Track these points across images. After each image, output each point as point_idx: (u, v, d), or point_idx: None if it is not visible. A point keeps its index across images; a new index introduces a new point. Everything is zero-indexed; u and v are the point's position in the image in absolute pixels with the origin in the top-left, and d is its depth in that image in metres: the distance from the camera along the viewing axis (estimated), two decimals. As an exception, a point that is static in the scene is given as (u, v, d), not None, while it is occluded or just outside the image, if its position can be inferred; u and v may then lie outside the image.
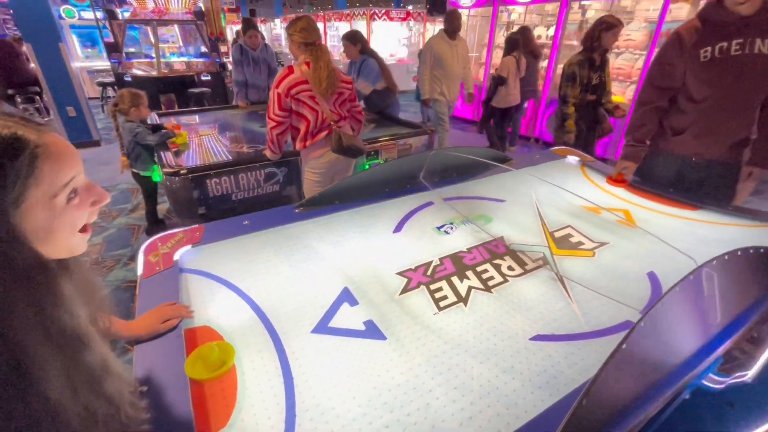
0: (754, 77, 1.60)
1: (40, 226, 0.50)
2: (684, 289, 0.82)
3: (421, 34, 10.59)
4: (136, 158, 2.82)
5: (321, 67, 1.99)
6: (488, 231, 1.51)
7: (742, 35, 1.56)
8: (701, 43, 1.65)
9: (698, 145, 1.79)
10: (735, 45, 1.58)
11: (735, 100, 1.66)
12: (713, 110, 1.71)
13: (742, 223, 1.56)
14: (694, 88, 1.73)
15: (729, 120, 1.70)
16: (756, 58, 1.56)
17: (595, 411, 0.71)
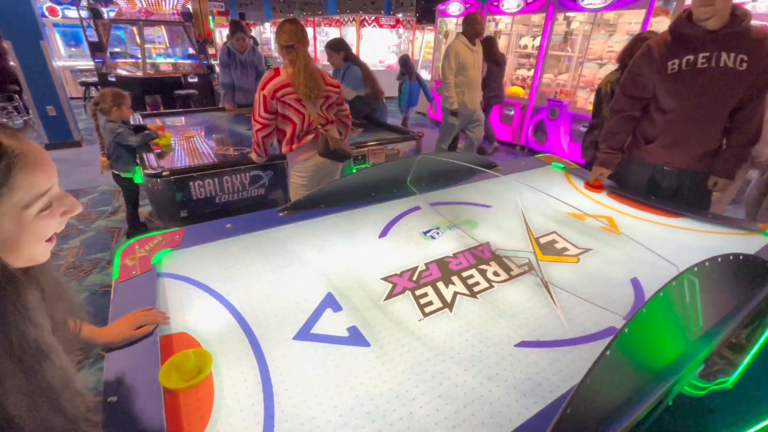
0: (719, 90, 1.65)
1: (6, 236, 0.48)
2: (667, 296, 0.82)
3: (410, 42, 10.68)
4: (116, 159, 2.75)
5: (297, 71, 1.97)
6: (474, 236, 1.51)
7: (708, 49, 1.61)
8: (669, 56, 1.70)
9: (668, 155, 1.84)
10: (701, 58, 1.63)
11: (701, 111, 1.71)
12: (681, 121, 1.77)
13: (722, 230, 1.60)
14: (663, 99, 1.79)
15: (696, 131, 1.75)
16: (721, 71, 1.61)
17: (580, 419, 0.70)
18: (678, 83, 1.71)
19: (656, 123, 1.84)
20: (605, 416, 0.75)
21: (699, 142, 1.76)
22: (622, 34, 4.66)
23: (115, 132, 2.64)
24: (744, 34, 1.56)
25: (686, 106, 1.73)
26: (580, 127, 4.80)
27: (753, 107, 1.66)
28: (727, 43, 1.58)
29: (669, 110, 1.78)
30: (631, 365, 0.82)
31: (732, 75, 1.60)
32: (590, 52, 4.86)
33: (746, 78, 1.59)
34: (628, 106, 1.89)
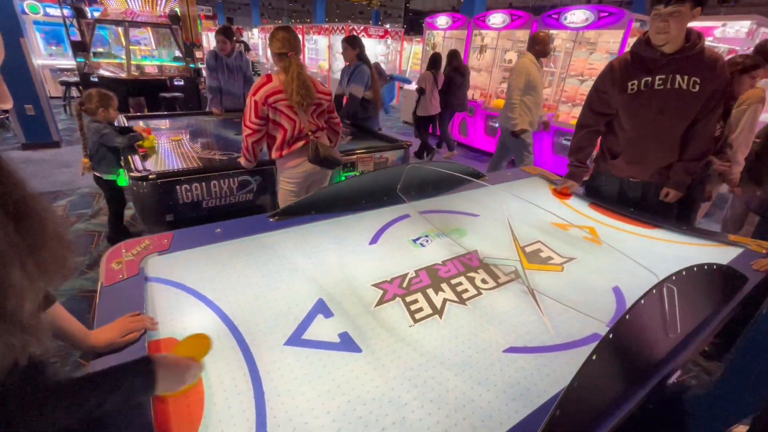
0: (674, 109, 1.76)
1: None
2: (647, 303, 0.86)
3: (398, 52, 10.83)
4: (99, 161, 2.69)
5: (290, 79, 1.99)
6: (463, 244, 1.54)
7: (664, 71, 1.73)
8: (629, 76, 1.82)
9: (631, 169, 1.96)
10: (658, 80, 1.74)
11: (658, 129, 1.83)
12: (640, 139, 1.88)
13: (696, 242, 1.67)
14: (623, 117, 1.91)
15: (654, 148, 1.87)
16: (676, 93, 1.73)
17: (567, 422, 0.72)
18: (636, 102, 1.82)
19: (619, 139, 1.97)
20: (590, 419, 0.78)
21: (657, 158, 1.88)
22: (602, 52, 4.85)
23: (100, 132, 2.58)
24: (697, 57, 1.68)
25: (644, 124, 1.85)
26: (562, 140, 4.95)
27: (704, 124, 1.77)
28: (681, 67, 1.70)
29: (629, 128, 1.90)
30: (615, 370, 0.85)
31: (686, 96, 1.71)
32: (572, 68, 5.04)
33: (699, 98, 1.70)
34: (593, 121, 2.01)
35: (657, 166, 1.89)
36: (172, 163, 2.54)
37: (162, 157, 2.67)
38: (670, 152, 1.85)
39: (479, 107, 6.11)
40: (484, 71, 6.42)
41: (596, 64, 4.81)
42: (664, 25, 1.64)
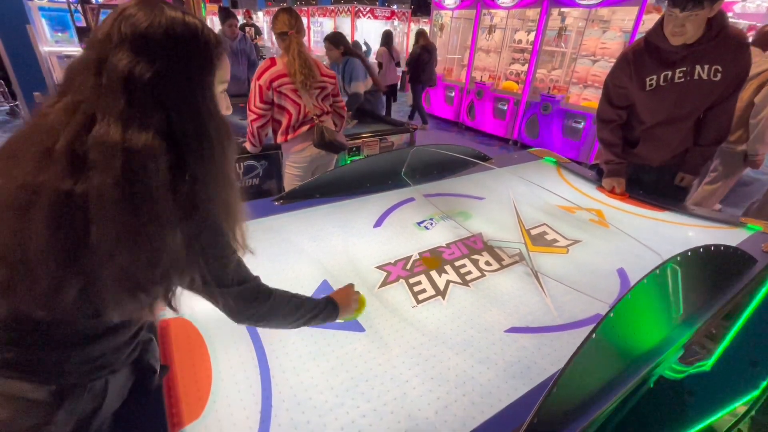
0: (694, 99, 1.68)
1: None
2: (650, 283, 0.86)
3: (405, 34, 10.62)
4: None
5: (291, 59, 1.97)
6: (467, 227, 1.54)
7: (684, 63, 1.63)
8: (647, 71, 1.71)
9: (647, 156, 1.90)
10: (678, 73, 1.65)
11: (675, 119, 1.76)
12: (657, 129, 1.81)
13: (705, 224, 1.65)
14: (641, 111, 1.83)
15: (672, 136, 1.80)
16: (696, 83, 1.64)
17: (565, 398, 0.73)
18: (656, 97, 1.74)
19: (635, 130, 1.90)
20: (590, 396, 0.79)
21: (675, 145, 1.82)
22: (615, 31, 4.70)
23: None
24: (719, 44, 1.57)
25: (663, 117, 1.77)
26: (572, 123, 4.86)
27: (723, 109, 1.69)
28: (702, 57, 1.60)
29: (645, 119, 1.83)
30: (616, 348, 0.86)
31: (706, 85, 1.63)
32: (584, 48, 4.89)
33: (720, 86, 1.62)
34: (615, 116, 1.91)
35: (673, 152, 1.83)
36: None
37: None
38: (685, 138, 1.79)
39: (487, 89, 6.00)
40: (492, 52, 6.27)
41: (609, 44, 4.67)
42: (681, 29, 1.53)
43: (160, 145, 0.52)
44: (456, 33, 6.96)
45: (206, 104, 0.58)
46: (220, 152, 0.60)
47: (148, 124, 0.52)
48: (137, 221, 0.51)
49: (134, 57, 0.51)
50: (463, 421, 0.78)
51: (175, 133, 0.54)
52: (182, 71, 0.55)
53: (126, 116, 0.50)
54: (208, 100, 0.59)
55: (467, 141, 5.88)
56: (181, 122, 0.55)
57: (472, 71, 6.41)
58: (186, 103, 0.55)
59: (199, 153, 0.56)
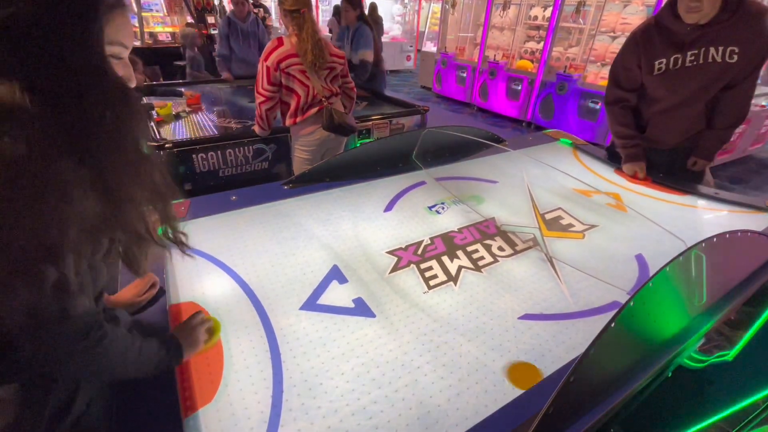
0: (707, 81, 1.58)
1: None
2: (673, 270, 0.82)
3: (415, 12, 10.32)
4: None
5: (305, 38, 1.91)
6: (480, 211, 1.51)
7: (696, 46, 1.53)
8: (656, 54, 1.62)
9: (658, 139, 1.82)
10: (690, 56, 1.55)
11: (686, 102, 1.66)
12: (668, 111, 1.73)
13: (729, 208, 1.58)
14: (650, 94, 1.75)
15: (683, 118, 1.71)
16: (710, 66, 1.54)
17: (582, 387, 0.71)
18: (666, 81, 1.65)
19: (644, 113, 1.82)
20: (606, 386, 0.77)
21: (686, 128, 1.74)
22: (638, 5, 4.48)
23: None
24: (736, 23, 1.45)
25: (673, 99, 1.68)
26: (589, 103, 4.70)
27: (742, 90, 1.58)
28: (716, 38, 1.49)
29: (655, 102, 1.74)
30: (635, 337, 0.83)
31: (720, 67, 1.53)
32: (603, 24, 4.69)
33: (736, 67, 1.51)
34: (626, 96, 1.81)
35: (685, 133, 1.75)
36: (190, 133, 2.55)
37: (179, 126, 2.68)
38: (698, 120, 1.71)
39: (501, 69, 5.82)
40: (507, 29, 6.06)
41: (630, 18, 4.46)
42: (698, 3, 1.42)
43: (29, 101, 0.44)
44: (469, 10, 6.73)
45: (87, 60, 0.49)
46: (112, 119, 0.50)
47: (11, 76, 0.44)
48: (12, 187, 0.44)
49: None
50: (475, 409, 0.77)
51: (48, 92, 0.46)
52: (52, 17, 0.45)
53: None
54: (92, 56, 0.49)
55: (480, 123, 5.76)
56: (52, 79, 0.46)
57: (485, 50, 6.21)
58: (57, 56, 0.46)
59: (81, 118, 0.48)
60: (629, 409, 0.86)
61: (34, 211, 0.45)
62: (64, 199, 0.47)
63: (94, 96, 0.49)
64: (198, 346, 0.83)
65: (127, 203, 0.55)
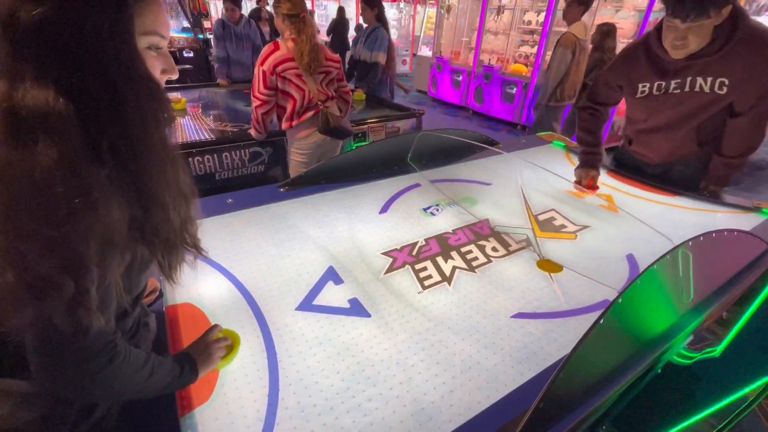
0: (691, 110, 1.53)
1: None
2: (661, 268, 0.84)
3: (411, 17, 10.39)
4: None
5: (303, 41, 1.93)
6: (474, 213, 1.52)
7: (682, 75, 1.46)
8: (640, 77, 1.57)
9: (646, 155, 1.80)
10: (674, 84, 1.49)
11: (670, 126, 1.62)
12: (652, 132, 1.70)
13: (718, 209, 1.61)
14: (633, 113, 1.73)
15: (669, 140, 1.67)
16: (696, 95, 1.48)
17: (572, 384, 0.73)
18: (647, 104, 1.61)
19: (628, 129, 1.81)
20: (596, 382, 0.79)
21: (671, 148, 1.69)
22: (629, 9, 4.55)
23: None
24: (727, 55, 1.35)
25: (655, 122, 1.64)
26: (582, 106, 4.76)
27: (752, 118, 1.47)
28: (705, 69, 1.41)
29: (638, 122, 1.72)
30: (623, 334, 0.85)
31: (709, 97, 1.46)
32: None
33: (727, 97, 1.44)
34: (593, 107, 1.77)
35: (671, 156, 1.71)
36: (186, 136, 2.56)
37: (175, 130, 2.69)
38: (684, 143, 1.64)
39: (496, 73, 5.88)
40: (501, 34, 6.13)
41: (622, 23, 4.53)
42: (683, 42, 1.34)
43: (64, 105, 0.42)
44: (463, 15, 6.80)
45: (117, 56, 0.46)
46: (140, 119, 0.48)
47: (45, 79, 0.42)
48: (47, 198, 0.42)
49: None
50: (468, 405, 0.78)
51: (81, 94, 0.44)
52: (80, 12, 0.43)
53: (12, 69, 0.42)
54: (120, 51, 0.46)
55: (475, 126, 5.81)
56: (84, 79, 0.44)
57: (479, 54, 6.27)
58: (88, 53, 0.44)
59: (113, 119, 0.46)
60: (620, 404, 0.88)
61: (56, 220, 0.43)
62: (90, 207, 0.44)
63: (123, 94, 0.47)
64: (213, 363, 0.80)
65: (157, 207, 0.52)
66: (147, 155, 0.49)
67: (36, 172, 0.41)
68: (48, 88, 0.42)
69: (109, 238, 0.47)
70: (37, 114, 0.41)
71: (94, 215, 0.44)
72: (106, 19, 0.45)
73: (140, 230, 0.52)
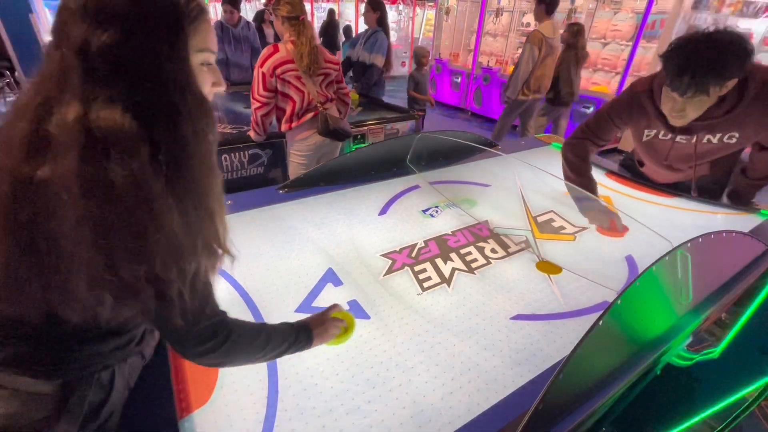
0: (699, 154, 1.47)
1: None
2: (659, 270, 0.85)
3: (410, 19, 10.42)
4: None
5: (303, 42, 1.94)
6: (473, 214, 1.53)
7: (687, 132, 1.40)
8: (647, 124, 1.49)
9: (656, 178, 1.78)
10: (681, 138, 1.43)
11: (676, 167, 1.59)
12: (656, 170, 1.68)
13: (717, 210, 1.62)
14: (638, 151, 1.70)
15: (674, 174, 1.65)
16: (703, 145, 1.43)
17: (571, 385, 0.73)
18: (652, 149, 1.57)
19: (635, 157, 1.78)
20: (595, 383, 0.79)
21: (680, 177, 1.66)
22: (627, 12, 4.56)
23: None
24: (737, 116, 1.28)
25: (662, 164, 1.61)
26: (581, 108, 4.77)
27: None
28: (712, 128, 1.34)
29: (643, 161, 1.70)
30: (622, 336, 0.85)
31: (718, 147, 1.41)
32: (594, 30, 4.77)
33: (738, 145, 1.39)
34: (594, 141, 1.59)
35: (684, 179, 1.66)
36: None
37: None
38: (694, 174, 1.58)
39: (495, 75, 5.89)
40: (500, 36, 6.14)
41: (620, 25, 4.55)
42: (680, 113, 1.27)
43: (131, 123, 0.46)
44: (462, 17, 6.81)
45: (175, 76, 0.50)
46: (192, 133, 0.51)
47: (114, 99, 0.46)
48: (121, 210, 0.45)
49: (89, 24, 0.45)
50: (468, 407, 0.78)
51: (144, 111, 0.48)
52: (143, 37, 0.47)
53: (85, 91, 0.45)
54: (177, 71, 0.50)
55: (474, 128, 5.82)
56: (147, 98, 0.48)
57: (478, 56, 6.29)
58: (151, 74, 0.48)
59: (170, 134, 0.49)
60: (620, 406, 0.88)
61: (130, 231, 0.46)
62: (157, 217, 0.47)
63: (179, 110, 0.50)
64: (327, 339, 0.83)
65: (207, 218, 0.55)
66: (198, 167, 0.52)
67: (109, 186, 0.44)
68: (116, 108, 0.46)
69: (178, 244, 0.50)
70: (108, 132, 0.44)
71: (164, 224, 0.48)
72: (165, 42, 0.49)
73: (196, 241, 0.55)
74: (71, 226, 0.45)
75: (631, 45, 4.44)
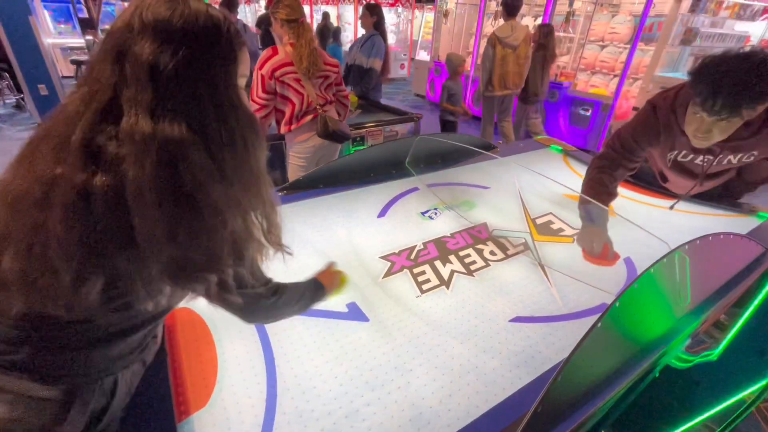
0: (716, 177, 1.50)
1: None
2: (657, 272, 0.85)
3: (409, 21, 10.45)
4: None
5: (302, 45, 1.94)
6: (472, 217, 1.53)
7: (710, 154, 1.39)
8: (671, 146, 1.46)
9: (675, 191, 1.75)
10: (703, 158, 1.43)
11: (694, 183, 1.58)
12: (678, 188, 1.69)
13: (715, 212, 1.62)
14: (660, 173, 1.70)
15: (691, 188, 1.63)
16: (723, 166, 1.45)
17: (570, 387, 0.73)
18: (676, 168, 1.55)
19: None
20: (594, 385, 0.79)
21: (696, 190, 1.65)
22: (625, 14, 4.58)
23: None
24: (764, 137, 1.26)
25: (682, 182, 1.61)
26: (579, 110, 4.78)
27: None
28: (736, 149, 1.33)
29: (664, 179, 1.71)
30: (621, 338, 0.85)
31: (736, 166, 1.44)
32: (592, 33, 4.79)
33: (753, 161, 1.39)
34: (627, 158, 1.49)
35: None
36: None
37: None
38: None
39: (493, 77, 5.90)
40: (498, 39, 6.15)
41: (618, 28, 4.56)
42: (706, 135, 1.21)
43: (194, 137, 0.52)
44: (461, 19, 6.84)
45: (229, 95, 0.57)
46: (242, 143, 0.58)
47: (179, 115, 0.51)
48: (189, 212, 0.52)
49: (158, 46, 0.50)
50: (467, 409, 0.78)
51: (204, 127, 0.54)
52: (206, 61, 0.54)
53: (155, 107, 0.50)
54: (230, 91, 0.57)
55: (473, 130, 5.82)
56: (206, 114, 0.54)
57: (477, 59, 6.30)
58: (210, 94, 0.54)
59: (224, 145, 0.55)
60: (618, 408, 0.88)
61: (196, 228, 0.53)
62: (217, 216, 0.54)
63: (231, 125, 0.56)
64: (333, 288, 0.96)
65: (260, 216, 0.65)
66: (248, 175, 0.60)
67: (180, 192, 0.51)
68: (181, 122, 0.51)
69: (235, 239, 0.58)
70: (175, 144, 0.50)
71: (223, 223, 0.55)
72: (222, 66, 0.56)
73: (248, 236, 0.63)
74: (158, 228, 0.50)
75: (629, 48, 4.45)
